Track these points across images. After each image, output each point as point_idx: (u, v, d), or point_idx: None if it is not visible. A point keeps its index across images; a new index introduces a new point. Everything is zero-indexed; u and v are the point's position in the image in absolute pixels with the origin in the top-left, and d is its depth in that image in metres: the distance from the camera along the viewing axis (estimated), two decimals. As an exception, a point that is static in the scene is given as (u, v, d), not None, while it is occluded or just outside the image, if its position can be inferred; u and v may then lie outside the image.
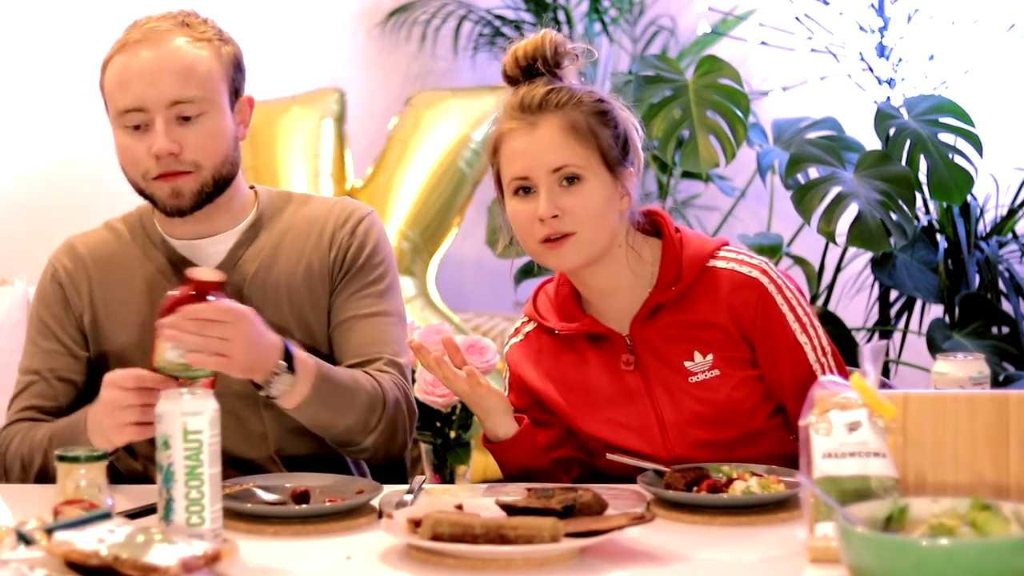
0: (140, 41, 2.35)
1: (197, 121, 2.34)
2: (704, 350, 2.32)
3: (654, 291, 2.33)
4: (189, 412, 1.88)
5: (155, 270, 2.43)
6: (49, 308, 2.47)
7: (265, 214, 2.47)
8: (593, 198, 2.27)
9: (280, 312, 2.41)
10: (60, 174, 4.26)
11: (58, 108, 4.26)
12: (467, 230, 4.61)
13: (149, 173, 2.35)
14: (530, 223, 2.28)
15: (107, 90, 2.38)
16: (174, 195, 2.35)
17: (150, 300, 2.40)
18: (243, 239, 2.44)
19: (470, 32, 4.92)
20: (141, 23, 2.39)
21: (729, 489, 2.14)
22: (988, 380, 2.29)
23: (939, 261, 3.85)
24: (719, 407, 2.31)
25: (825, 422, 1.92)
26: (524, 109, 2.29)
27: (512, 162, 2.29)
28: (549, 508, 1.97)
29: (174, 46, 2.34)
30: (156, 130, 2.32)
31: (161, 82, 2.32)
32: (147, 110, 2.32)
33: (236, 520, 2.06)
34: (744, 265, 2.34)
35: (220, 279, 2.15)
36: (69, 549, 1.73)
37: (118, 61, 2.36)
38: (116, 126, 2.37)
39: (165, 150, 2.32)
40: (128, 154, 2.36)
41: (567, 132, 2.27)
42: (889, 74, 4.10)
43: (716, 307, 2.32)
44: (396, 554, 1.95)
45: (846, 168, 3.69)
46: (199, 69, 2.34)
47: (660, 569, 1.91)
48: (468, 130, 4.54)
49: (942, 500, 1.79)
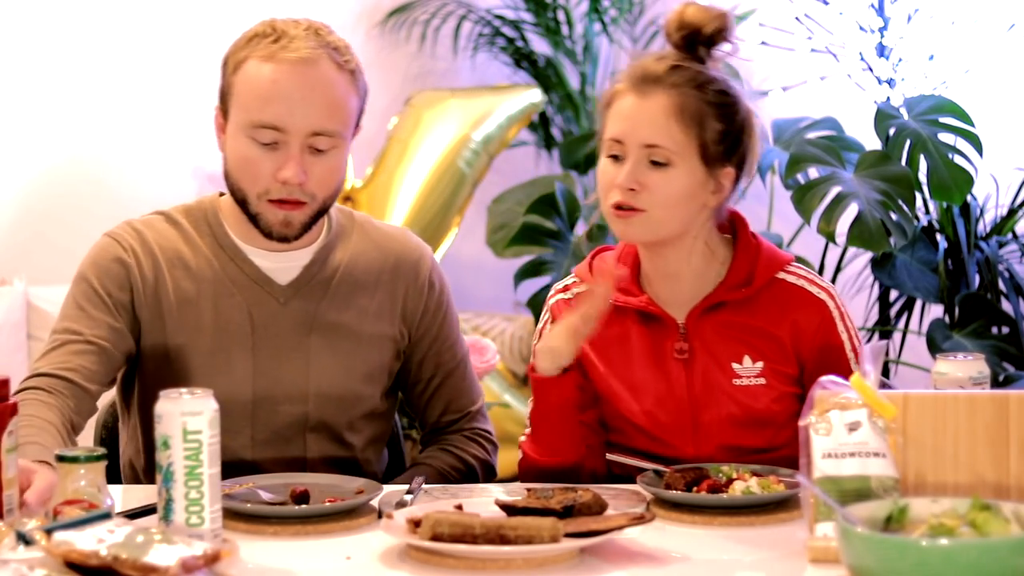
0: (292, 60, 2.27)
1: (327, 155, 2.30)
2: (755, 356, 2.32)
3: (721, 287, 2.33)
4: (189, 412, 1.87)
5: (225, 276, 2.36)
6: (106, 283, 2.35)
7: (336, 234, 2.42)
8: (675, 185, 2.26)
9: (347, 340, 2.38)
10: (60, 175, 4.26)
11: (58, 110, 4.26)
12: (467, 230, 4.61)
13: (267, 194, 2.29)
14: (609, 186, 2.28)
15: (241, 95, 2.29)
16: (285, 223, 2.31)
17: (215, 306, 2.34)
18: (317, 258, 2.39)
19: (470, 32, 4.92)
20: (283, 32, 2.29)
21: (729, 489, 2.14)
22: (988, 380, 2.29)
23: (939, 261, 3.85)
24: (756, 415, 2.31)
25: (825, 422, 1.92)
26: (644, 75, 2.27)
27: (614, 122, 2.29)
28: (549, 508, 1.97)
29: (327, 75, 2.28)
30: (289, 155, 2.26)
31: (309, 110, 2.26)
32: (285, 132, 2.26)
33: (236, 520, 2.06)
34: (814, 285, 2.35)
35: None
36: (69, 549, 1.72)
37: (264, 71, 2.27)
38: (241, 133, 2.29)
39: (296, 179, 2.27)
40: (249, 167, 2.29)
41: (672, 113, 2.25)
42: (889, 74, 4.10)
43: (779, 318, 2.32)
44: (396, 554, 1.95)
45: (846, 168, 3.69)
46: (344, 104, 2.30)
47: (660, 569, 1.90)
48: (468, 130, 4.54)
49: (942, 500, 1.79)
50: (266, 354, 2.35)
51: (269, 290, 2.36)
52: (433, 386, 2.47)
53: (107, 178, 4.31)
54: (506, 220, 4.20)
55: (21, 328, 3.91)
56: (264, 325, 2.35)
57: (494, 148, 4.59)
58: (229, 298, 2.35)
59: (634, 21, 4.87)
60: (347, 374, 2.38)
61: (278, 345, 2.35)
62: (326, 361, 2.37)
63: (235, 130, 2.31)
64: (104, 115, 4.32)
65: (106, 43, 4.32)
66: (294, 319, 2.36)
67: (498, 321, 4.62)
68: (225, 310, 2.35)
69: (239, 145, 2.30)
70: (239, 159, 2.31)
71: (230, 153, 2.33)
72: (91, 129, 4.31)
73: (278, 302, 2.36)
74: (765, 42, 4.34)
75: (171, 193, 4.40)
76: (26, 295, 3.94)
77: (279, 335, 2.36)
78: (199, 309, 2.35)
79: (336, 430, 2.39)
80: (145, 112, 4.38)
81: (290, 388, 2.35)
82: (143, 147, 4.38)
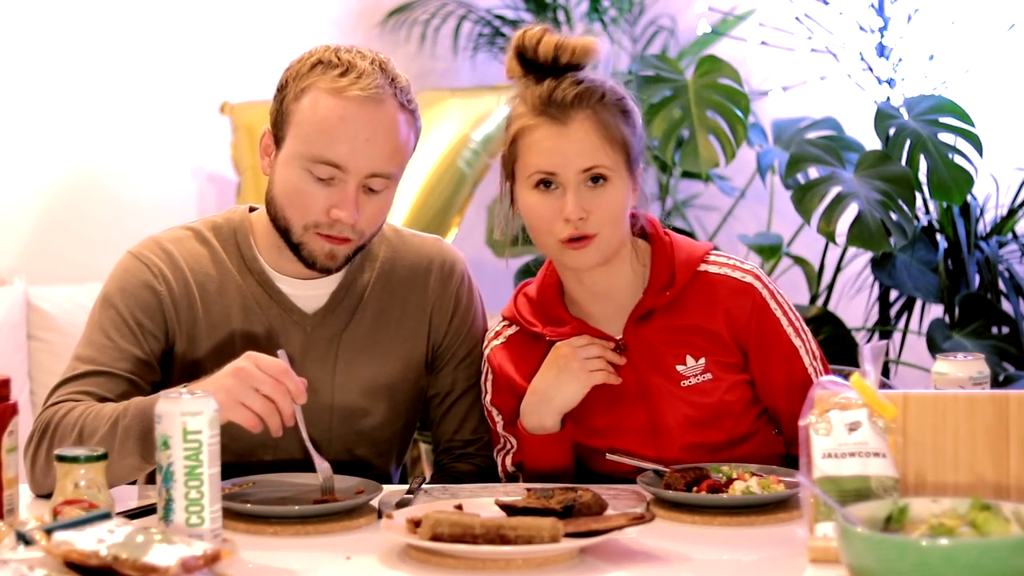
0: (361, 100, 2.22)
1: (380, 195, 2.28)
2: (696, 354, 2.32)
3: (646, 295, 2.32)
4: (189, 412, 1.88)
5: (252, 300, 2.34)
6: (136, 312, 2.31)
7: (362, 255, 2.39)
8: (617, 199, 2.26)
9: (374, 362, 2.37)
10: (60, 175, 4.26)
11: (59, 110, 4.26)
12: (467, 230, 4.61)
13: (317, 227, 2.25)
14: (551, 220, 2.26)
15: (303, 125, 2.24)
16: (330, 256, 2.28)
17: (243, 329, 2.33)
18: (344, 283, 2.38)
19: (470, 32, 4.92)
20: (351, 63, 2.24)
21: (729, 489, 2.14)
22: (988, 380, 2.29)
23: (939, 261, 3.85)
24: (710, 410, 2.32)
25: (825, 422, 1.92)
26: (553, 104, 2.25)
27: (537, 156, 2.26)
28: (549, 508, 1.97)
29: (392, 116, 2.25)
30: (346, 194, 2.23)
31: (372, 152, 2.23)
32: (345, 170, 2.23)
33: (236, 520, 2.06)
34: (737, 271, 2.34)
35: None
36: (69, 549, 1.72)
37: (331, 105, 2.22)
38: (296, 163, 2.25)
39: (350, 220, 2.24)
40: (302, 198, 2.25)
41: (599, 133, 2.25)
42: (889, 74, 4.10)
43: (710, 312, 2.32)
44: (396, 554, 1.95)
45: (846, 168, 3.69)
46: (405, 147, 2.28)
47: (660, 569, 1.91)
48: (468, 130, 4.53)
49: (942, 500, 1.79)
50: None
51: (296, 318, 2.35)
52: (449, 402, 2.45)
53: (107, 178, 4.31)
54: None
55: (21, 328, 3.90)
56: (289, 350, 2.32)
57: (494, 148, 4.59)
58: (257, 323, 2.33)
59: (634, 21, 4.86)
60: (371, 397, 2.37)
61: (303, 371, 2.32)
62: (349, 385, 2.36)
63: (289, 159, 2.26)
64: (104, 115, 4.32)
65: (106, 44, 4.32)
66: (319, 346, 2.35)
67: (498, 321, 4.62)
68: (252, 333, 2.33)
69: (292, 175, 2.26)
70: (291, 189, 2.26)
71: (280, 181, 2.28)
72: (91, 129, 4.30)
73: (304, 330, 2.35)
74: (765, 42, 4.34)
75: (171, 193, 4.40)
76: (26, 295, 3.94)
77: (303, 363, 2.33)
78: (229, 331, 2.33)
79: (355, 451, 2.38)
80: (145, 113, 4.38)
81: (314, 412, 2.31)
82: (143, 147, 4.38)
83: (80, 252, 4.11)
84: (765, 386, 2.34)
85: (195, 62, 4.44)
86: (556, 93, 2.26)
